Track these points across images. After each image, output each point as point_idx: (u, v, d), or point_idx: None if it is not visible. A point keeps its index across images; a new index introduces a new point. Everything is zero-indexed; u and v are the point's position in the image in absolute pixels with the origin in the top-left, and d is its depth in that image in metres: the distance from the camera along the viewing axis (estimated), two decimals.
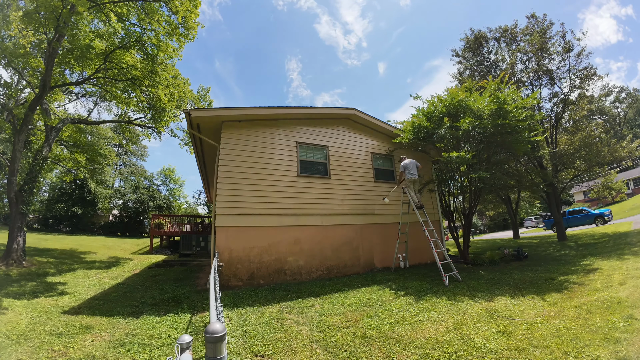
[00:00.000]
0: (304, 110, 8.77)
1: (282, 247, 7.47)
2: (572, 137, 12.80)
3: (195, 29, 10.25)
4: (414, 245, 8.92)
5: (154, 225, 15.28)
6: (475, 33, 15.55)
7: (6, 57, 9.44)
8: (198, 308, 5.26)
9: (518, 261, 8.95)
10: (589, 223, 18.80)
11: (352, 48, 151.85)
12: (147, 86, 10.46)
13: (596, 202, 33.25)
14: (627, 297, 4.28)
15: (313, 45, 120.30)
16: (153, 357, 3.40)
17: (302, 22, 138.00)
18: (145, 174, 33.48)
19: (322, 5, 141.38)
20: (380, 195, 9.39)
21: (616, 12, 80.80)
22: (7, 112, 12.43)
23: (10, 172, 9.35)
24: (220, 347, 1.95)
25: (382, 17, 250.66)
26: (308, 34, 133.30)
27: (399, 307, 4.81)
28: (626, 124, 47.20)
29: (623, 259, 6.95)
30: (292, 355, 3.33)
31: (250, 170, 7.63)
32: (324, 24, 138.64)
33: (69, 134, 13.04)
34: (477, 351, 3.20)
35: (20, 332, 4.02)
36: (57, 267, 9.02)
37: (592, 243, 10.74)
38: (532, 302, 4.68)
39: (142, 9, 9.61)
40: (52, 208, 23.11)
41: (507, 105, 7.53)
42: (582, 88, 13.21)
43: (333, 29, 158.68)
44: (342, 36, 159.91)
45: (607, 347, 3.01)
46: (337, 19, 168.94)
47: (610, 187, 29.08)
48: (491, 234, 30.04)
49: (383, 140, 10.23)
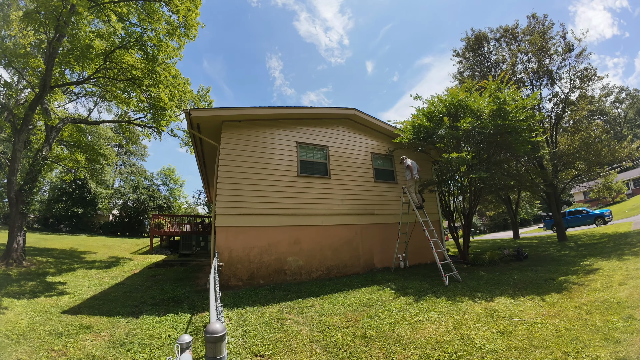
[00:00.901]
0: (304, 110, 8.77)
1: (282, 247, 7.47)
2: (572, 138, 12.80)
3: (196, 28, 10.25)
4: (414, 245, 8.92)
5: (154, 225, 15.28)
6: (476, 33, 15.56)
7: (6, 57, 9.44)
8: (198, 308, 5.26)
9: (518, 261, 8.95)
10: (589, 223, 18.79)
11: (334, 45, 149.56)
12: (148, 86, 10.46)
13: (596, 202, 33.24)
14: (627, 298, 4.28)
15: (293, 42, 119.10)
16: (153, 356, 3.40)
17: (281, 19, 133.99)
18: (145, 174, 33.48)
19: (299, 1, 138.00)
20: (380, 195, 9.40)
21: (610, 4, 76.06)
22: (7, 112, 12.43)
23: (11, 171, 9.35)
24: (220, 347, 1.95)
25: (361, 13, 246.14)
26: (287, 31, 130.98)
27: (399, 307, 4.81)
28: (626, 124, 47.20)
29: (623, 259, 6.95)
30: (292, 355, 3.33)
31: (250, 170, 7.63)
32: (302, 21, 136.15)
33: (69, 134, 13.04)
34: (477, 351, 3.20)
35: (20, 332, 4.02)
36: (56, 267, 9.02)
37: (592, 243, 10.74)
38: (532, 303, 4.68)
39: (142, 9, 9.61)
40: (52, 208, 23.13)
41: (507, 106, 7.53)
42: (582, 88, 13.21)
43: (313, 26, 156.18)
44: (323, 33, 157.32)
45: (607, 347, 3.01)
46: (316, 16, 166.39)
47: (610, 188, 29.08)
48: (491, 234, 30.03)
49: (383, 141, 10.23)
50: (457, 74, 17.35)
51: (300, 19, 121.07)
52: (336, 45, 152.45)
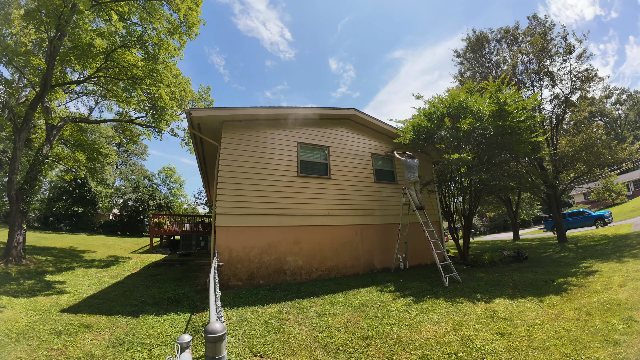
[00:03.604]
0: (304, 111, 8.77)
1: (282, 247, 7.47)
2: (572, 139, 12.80)
3: (197, 26, 10.26)
4: (414, 246, 8.91)
5: (154, 225, 15.28)
6: (477, 34, 15.59)
7: (7, 55, 9.45)
8: (198, 307, 5.26)
9: (518, 263, 8.94)
10: (589, 225, 18.78)
11: (277, 39, 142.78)
12: (148, 85, 10.46)
13: (596, 203, 33.23)
14: (626, 299, 4.28)
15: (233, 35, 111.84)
16: (152, 356, 3.40)
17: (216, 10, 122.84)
18: (146, 173, 33.49)
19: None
20: (381, 195, 9.39)
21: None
22: (8, 111, 12.43)
23: (11, 170, 9.35)
24: (220, 346, 1.95)
25: (298, 5, 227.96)
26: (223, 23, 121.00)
27: (399, 308, 4.80)
28: (627, 125, 47.20)
29: (623, 261, 6.94)
30: (291, 356, 3.33)
31: (251, 170, 7.63)
32: (238, 14, 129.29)
33: (69, 133, 13.05)
34: (477, 352, 3.20)
35: (20, 331, 4.02)
36: (56, 266, 9.03)
37: (592, 245, 10.73)
38: (532, 304, 4.67)
39: (143, 8, 9.61)
40: (53, 207, 23.13)
41: (508, 107, 7.53)
42: (583, 90, 13.21)
43: (250, 19, 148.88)
44: (262, 25, 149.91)
45: (606, 349, 3.01)
46: (248, 7, 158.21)
47: (610, 189, 29.11)
48: (491, 235, 30.02)
49: (383, 141, 10.23)
50: (458, 75, 17.38)
51: (235, 12, 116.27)
52: (278, 38, 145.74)
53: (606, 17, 63.10)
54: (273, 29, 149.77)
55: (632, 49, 69.08)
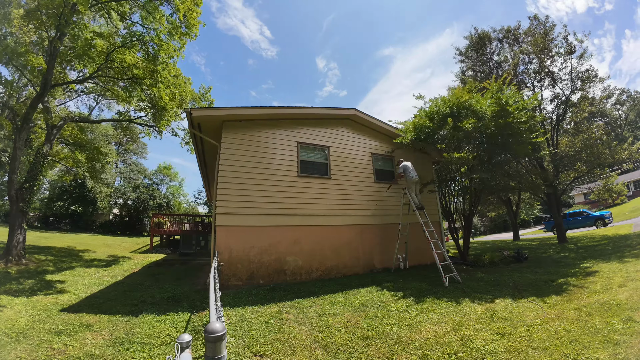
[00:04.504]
0: (304, 111, 8.77)
1: (282, 247, 7.47)
2: (573, 139, 12.78)
3: (197, 26, 10.25)
4: (414, 246, 8.91)
5: (154, 224, 15.29)
6: (479, 33, 15.59)
7: (7, 55, 9.45)
8: (197, 307, 5.26)
9: (518, 263, 8.94)
10: (589, 225, 18.77)
11: (257, 37, 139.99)
12: (149, 85, 10.46)
13: (597, 204, 33.21)
14: (626, 300, 4.28)
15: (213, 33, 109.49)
16: (152, 356, 3.40)
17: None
18: (146, 173, 33.50)
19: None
20: (381, 196, 9.39)
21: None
22: (8, 110, 12.43)
23: (11, 170, 9.35)
24: (220, 346, 1.95)
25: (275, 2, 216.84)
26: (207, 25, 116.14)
27: (399, 308, 4.80)
28: (627, 126, 47.18)
29: (623, 261, 6.94)
30: (291, 355, 3.33)
31: (251, 170, 7.63)
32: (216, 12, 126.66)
33: (69, 132, 13.05)
34: (477, 352, 3.20)
35: (20, 330, 4.02)
36: (56, 265, 9.03)
37: (592, 245, 10.73)
38: (532, 304, 4.67)
39: (143, 8, 9.61)
40: (53, 206, 23.13)
41: (509, 107, 7.53)
42: (583, 90, 13.21)
43: (229, 17, 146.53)
44: (241, 23, 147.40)
45: (606, 349, 3.01)
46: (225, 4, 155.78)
47: (610, 189, 29.10)
48: (491, 236, 30.01)
49: (383, 141, 10.23)
50: (460, 74, 17.38)
51: (212, 9, 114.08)
52: (258, 35, 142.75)
53: (600, 10, 58.60)
54: (252, 26, 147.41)
55: (629, 44, 65.46)
